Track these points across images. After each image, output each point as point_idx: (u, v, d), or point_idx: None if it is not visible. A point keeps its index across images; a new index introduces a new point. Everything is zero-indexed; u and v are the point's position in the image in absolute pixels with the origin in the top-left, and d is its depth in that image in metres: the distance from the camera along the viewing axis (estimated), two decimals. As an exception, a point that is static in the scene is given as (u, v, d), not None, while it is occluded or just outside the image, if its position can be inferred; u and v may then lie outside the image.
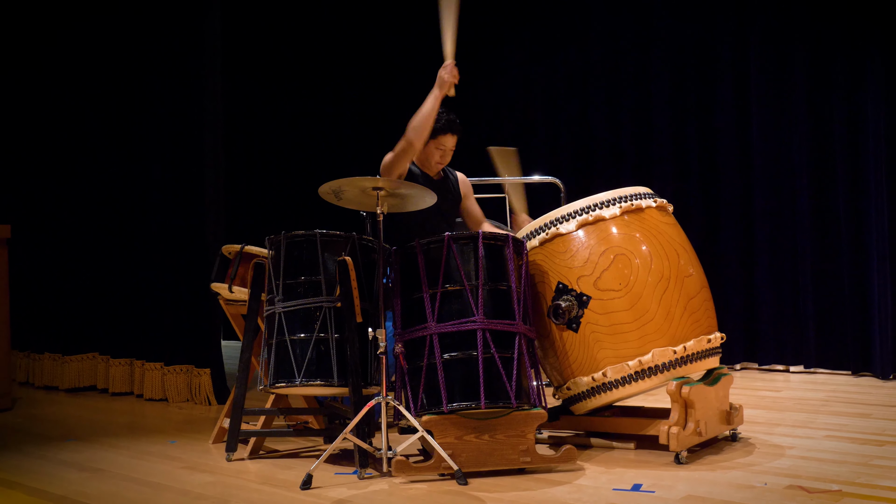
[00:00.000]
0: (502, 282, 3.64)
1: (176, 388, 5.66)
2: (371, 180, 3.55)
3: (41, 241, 6.54)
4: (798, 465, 3.49)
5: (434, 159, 4.28)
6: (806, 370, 5.95)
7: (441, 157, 4.28)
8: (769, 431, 4.12)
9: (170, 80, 5.82)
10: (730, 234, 6.26)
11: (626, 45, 6.67)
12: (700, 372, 3.84)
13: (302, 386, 3.71)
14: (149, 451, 4.22)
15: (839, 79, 5.76)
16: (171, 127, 5.82)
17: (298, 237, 3.81)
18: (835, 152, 5.80)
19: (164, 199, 5.82)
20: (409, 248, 3.67)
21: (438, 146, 4.25)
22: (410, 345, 3.60)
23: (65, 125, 6.46)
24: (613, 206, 3.82)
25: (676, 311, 3.70)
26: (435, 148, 4.26)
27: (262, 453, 4.04)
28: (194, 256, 5.60)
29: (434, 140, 4.23)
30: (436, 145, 4.25)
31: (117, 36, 6.12)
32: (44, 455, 4.17)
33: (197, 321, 5.61)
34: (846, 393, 5.18)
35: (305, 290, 3.75)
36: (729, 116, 6.23)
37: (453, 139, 4.28)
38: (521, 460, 3.49)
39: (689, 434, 3.59)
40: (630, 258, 3.73)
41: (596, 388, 3.74)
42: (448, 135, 4.25)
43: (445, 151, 4.28)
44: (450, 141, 4.27)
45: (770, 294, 6.10)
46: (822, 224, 5.88)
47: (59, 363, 6.32)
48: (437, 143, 4.25)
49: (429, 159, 4.29)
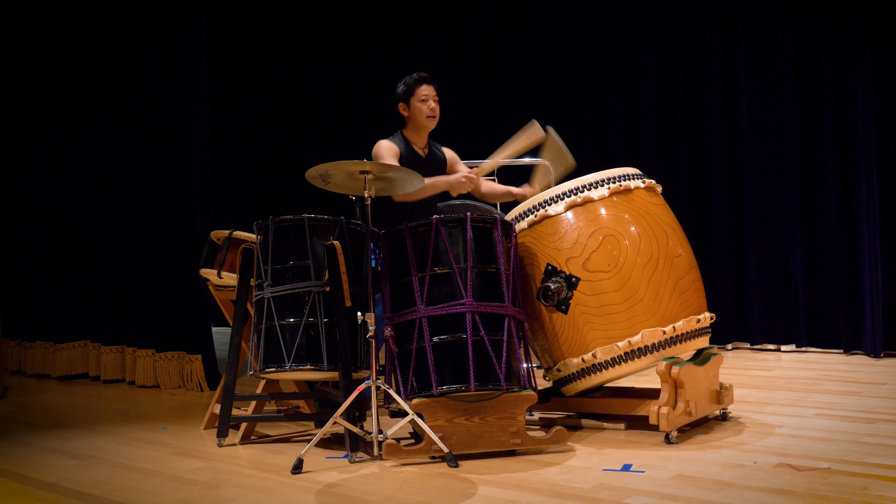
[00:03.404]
0: (491, 264, 3.63)
1: (168, 374, 5.66)
2: (358, 164, 3.53)
3: (31, 231, 6.52)
4: (788, 443, 3.50)
5: (424, 114, 4.28)
6: (797, 349, 5.96)
7: (429, 109, 4.30)
8: (759, 410, 4.13)
9: (155, 66, 5.79)
10: (719, 213, 6.26)
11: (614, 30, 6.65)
12: (690, 352, 3.85)
13: (292, 371, 3.71)
14: (140, 437, 4.21)
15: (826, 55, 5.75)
16: (158, 114, 5.80)
17: (286, 222, 3.79)
18: (824, 127, 5.79)
19: (153, 186, 5.81)
20: (398, 231, 3.66)
21: (420, 98, 4.28)
22: (400, 328, 3.60)
23: (53, 113, 6.43)
24: (602, 187, 3.82)
25: (665, 292, 3.70)
26: (419, 102, 4.28)
27: (253, 438, 4.04)
28: (183, 243, 5.59)
29: (414, 96, 4.28)
30: (417, 98, 4.28)
31: (103, 22, 6.08)
32: (35, 443, 4.17)
33: (187, 307, 5.61)
34: (837, 371, 5.19)
35: (294, 275, 3.75)
36: (717, 94, 6.22)
37: (431, 88, 4.31)
38: (512, 442, 3.49)
39: (679, 414, 3.60)
40: (619, 239, 3.72)
41: (586, 370, 3.74)
42: (424, 84, 4.29)
43: (430, 100, 4.29)
44: (429, 90, 4.30)
45: (760, 273, 6.11)
46: (811, 202, 5.88)
47: (50, 351, 6.31)
48: (417, 97, 4.28)
49: (418, 119, 4.29)
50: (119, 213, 6.01)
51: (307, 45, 8.32)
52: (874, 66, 5.56)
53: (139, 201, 5.87)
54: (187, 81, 5.63)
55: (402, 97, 4.30)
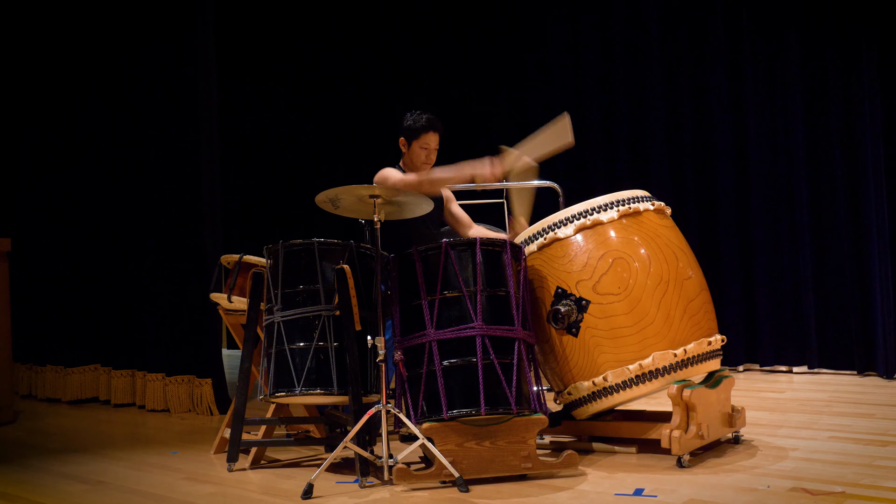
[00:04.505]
0: (501, 287, 3.63)
1: (178, 398, 5.66)
2: (368, 188, 3.55)
3: (42, 254, 6.54)
4: (801, 466, 3.48)
5: (420, 160, 4.32)
6: (809, 370, 5.92)
7: (426, 157, 4.33)
8: (772, 433, 4.10)
9: (165, 90, 5.83)
10: (728, 234, 6.24)
11: (619, 53, 6.67)
12: (701, 374, 3.83)
13: (302, 395, 3.70)
14: (150, 462, 4.21)
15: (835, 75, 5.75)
16: (168, 138, 5.82)
17: (296, 246, 3.80)
18: (833, 151, 5.78)
19: (163, 210, 5.83)
20: (407, 255, 3.66)
21: (422, 145, 4.31)
22: (410, 352, 3.59)
23: (64, 139, 6.47)
24: (611, 209, 3.82)
25: (676, 314, 3.68)
26: (420, 148, 4.31)
27: (263, 463, 4.03)
28: (193, 267, 5.60)
29: (417, 140, 4.31)
30: (420, 145, 4.31)
31: (114, 50, 6.13)
32: (46, 468, 4.17)
33: (197, 331, 5.61)
34: (850, 393, 5.16)
35: (304, 299, 3.75)
36: (724, 117, 6.23)
37: (435, 137, 4.33)
38: (523, 466, 3.48)
39: (691, 437, 3.58)
40: (629, 262, 3.72)
41: (597, 393, 3.73)
42: (430, 133, 4.31)
43: (430, 151, 4.33)
44: (433, 139, 4.33)
45: (771, 294, 6.08)
46: (821, 222, 5.87)
47: (61, 375, 6.32)
48: (420, 143, 4.31)
49: (414, 161, 4.33)
50: (129, 237, 6.03)
51: (318, 69, 8.35)
52: (881, 77, 5.55)
53: (149, 225, 5.89)
54: (196, 108, 5.66)
55: (406, 134, 4.34)
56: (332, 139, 8.29)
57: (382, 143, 5.78)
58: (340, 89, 8.26)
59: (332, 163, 8.17)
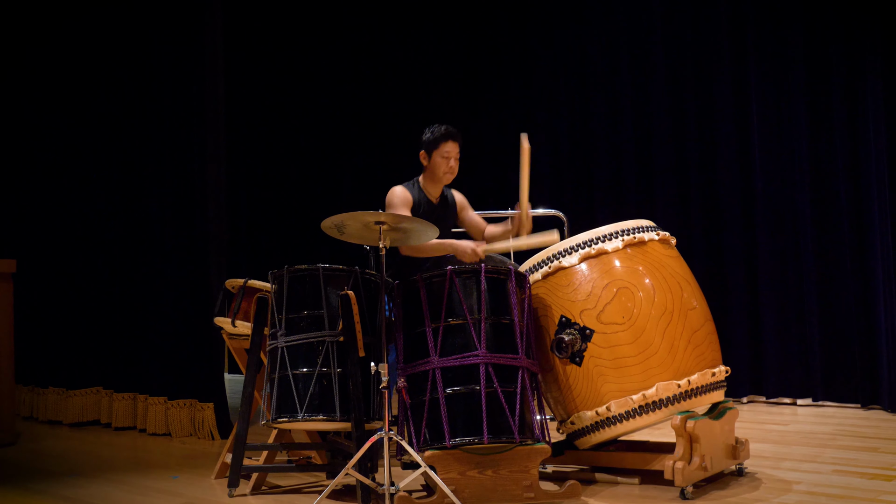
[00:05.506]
0: (505, 315, 3.63)
1: (179, 422, 5.64)
2: (373, 215, 3.56)
3: (46, 276, 6.55)
4: (805, 500, 3.45)
5: (441, 170, 4.35)
6: (814, 403, 5.89)
7: (448, 167, 4.36)
8: (776, 466, 4.07)
9: (171, 111, 5.86)
10: (733, 265, 6.23)
11: (624, 77, 6.72)
12: (705, 406, 3.81)
13: (304, 421, 3.70)
14: (151, 486, 4.19)
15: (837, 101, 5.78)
16: (173, 161, 5.85)
17: (301, 271, 3.81)
18: (838, 181, 5.78)
19: (167, 234, 5.84)
20: (412, 282, 3.67)
21: (442, 155, 4.34)
22: (413, 379, 3.59)
23: (70, 162, 6.50)
24: (616, 238, 3.82)
25: (680, 345, 3.68)
26: (440, 157, 4.35)
27: (264, 489, 4.02)
28: (197, 291, 5.60)
29: (437, 150, 4.34)
30: (440, 154, 4.34)
31: (120, 69, 6.18)
32: (47, 491, 4.15)
33: (200, 355, 5.60)
34: (854, 426, 5.13)
35: (308, 325, 3.75)
36: (730, 149, 6.24)
37: (455, 145, 4.36)
38: (525, 496, 3.46)
39: (694, 469, 3.56)
40: (633, 291, 3.72)
41: (600, 423, 3.71)
42: (449, 142, 4.34)
43: (451, 159, 4.36)
44: (452, 148, 4.35)
45: (775, 326, 6.06)
46: (826, 255, 5.85)
47: (63, 397, 6.31)
48: (440, 153, 4.34)
49: (436, 172, 4.36)
50: (132, 260, 6.04)
51: (324, 93, 8.41)
52: (885, 103, 5.57)
53: (153, 250, 5.91)
54: (203, 131, 5.68)
55: (426, 147, 4.37)
56: (341, 164, 8.33)
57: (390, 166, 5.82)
58: (350, 112, 8.32)
59: (338, 190, 8.22)
